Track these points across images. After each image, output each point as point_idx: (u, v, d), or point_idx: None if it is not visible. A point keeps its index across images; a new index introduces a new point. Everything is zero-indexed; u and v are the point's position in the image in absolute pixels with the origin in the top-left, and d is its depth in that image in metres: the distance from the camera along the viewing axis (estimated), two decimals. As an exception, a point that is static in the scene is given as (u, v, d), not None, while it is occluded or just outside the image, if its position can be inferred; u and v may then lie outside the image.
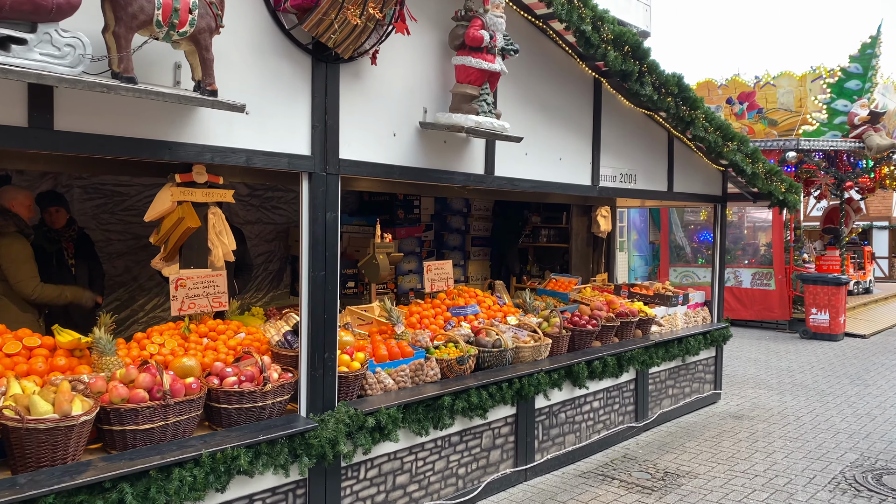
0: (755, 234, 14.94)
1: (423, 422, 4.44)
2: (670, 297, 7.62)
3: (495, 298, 6.36)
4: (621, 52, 5.18)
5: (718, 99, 15.79)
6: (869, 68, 13.32)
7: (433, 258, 9.27)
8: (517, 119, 5.14)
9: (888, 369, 9.86)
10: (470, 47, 4.32)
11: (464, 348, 4.90)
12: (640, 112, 6.55)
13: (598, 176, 6.16)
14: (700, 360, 7.61)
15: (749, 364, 10.19)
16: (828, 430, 6.77)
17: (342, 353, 4.17)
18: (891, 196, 26.17)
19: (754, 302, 13.99)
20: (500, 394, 4.95)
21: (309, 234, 3.83)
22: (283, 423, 3.76)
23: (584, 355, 5.83)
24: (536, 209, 10.36)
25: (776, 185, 7.50)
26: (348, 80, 3.98)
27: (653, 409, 6.80)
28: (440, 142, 4.61)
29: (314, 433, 3.78)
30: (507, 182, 5.21)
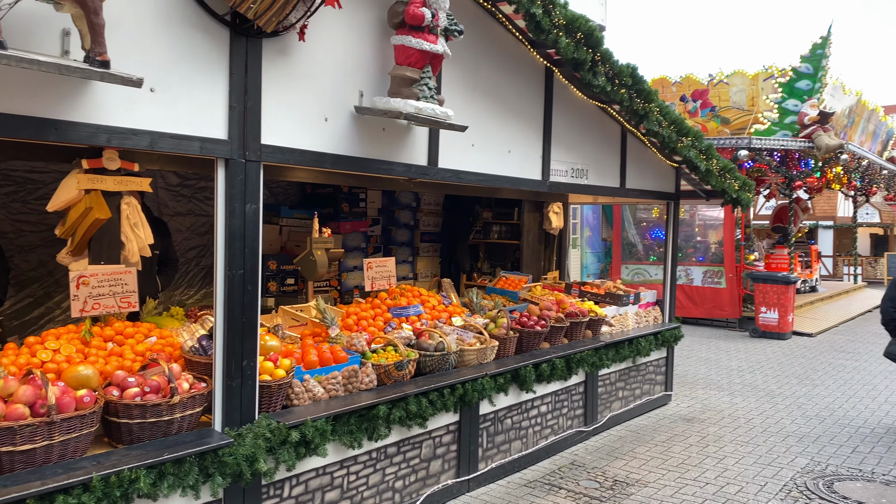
0: (706, 233, 14.96)
1: (356, 433, 4.08)
2: (621, 297, 7.41)
3: (441, 298, 6.03)
4: (573, 39, 4.89)
5: (672, 96, 15.75)
6: (819, 69, 13.39)
7: (380, 254, 8.91)
8: (463, 107, 4.82)
9: (835, 369, 9.88)
10: (410, 26, 3.97)
11: (403, 352, 4.56)
12: (592, 104, 6.30)
13: (549, 170, 5.88)
14: (651, 361, 7.43)
15: (700, 363, 10.10)
16: (778, 433, 6.65)
17: (265, 359, 3.79)
18: (836, 196, 26.76)
19: (705, 300, 14.00)
20: (442, 401, 4.63)
21: (225, 228, 3.43)
22: (194, 438, 3.37)
23: (532, 358, 5.55)
24: (488, 204, 10.09)
25: (730, 183, 7.34)
26: (273, 56, 3.59)
27: (602, 413, 6.58)
28: (378, 129, 4.26)
29: (229, 450, 3.40)
30: (453, 175, 4.88)
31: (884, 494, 5.14)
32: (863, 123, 16.23)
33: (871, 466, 5.74)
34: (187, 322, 4.44)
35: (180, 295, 7.13)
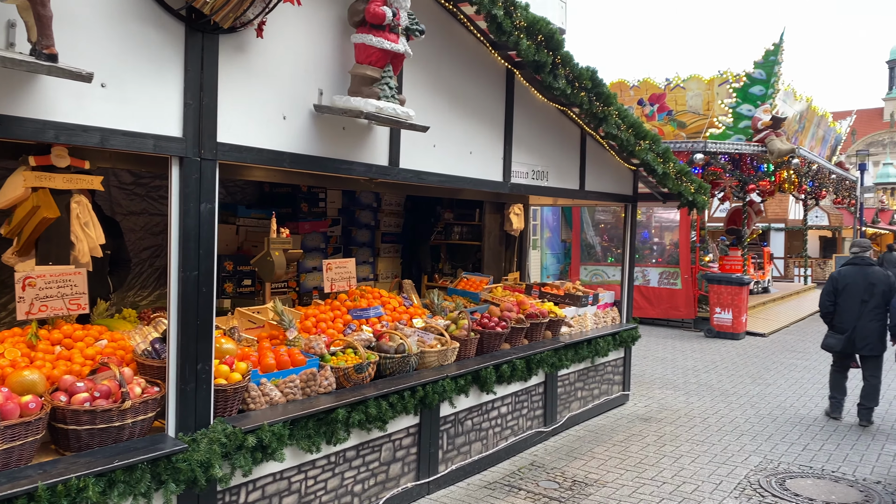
0: (662, 234, 15.21)
1: (315, 437, 4.02)
2: (580, 298, 7.47)
3: (401, 299, 5.99)
4: (534, 41, 4.90)
5: (630, 100, 15.98)
6: (772, 75, 13.74)
7: (340, 255, 8.82)
8: (424, 107, 4.79)
9: (787, 368, 10.13)
10: (371, 24, 3.92)
11: (363, 355, 4.51)
12: (553, 107, 6.33)
13: (510, 172, 5.90)
14: (609, 362, 7.50)
15: (656, 363, 10.25)
16: (732, 431, 6.78)
17: (221, 363, 3.70)
18: (787, 199, 27.46)
19: (661, 301, 14.22)
20: (402, 403, 4.59)
21: (180, 229, 3.34)
22: (146, 444, 3.27)
23: (493, 359, 5.55)
24: (449, 205, 10.07)
25: (686, 186, 7.46)
26: (230, 53, 3.51)
27: (562, 413, 6.62)
28: (338, 128, 4.20)
29: (183, 456, 3.31)
30: (414, 175, 4.85)
31: (833, 491, 5.28)
32: (813, 129, 16.71)
33: (820, 463, 5.89)
34: (140, 324, 4.32)
35: (133, 296, 6.95)
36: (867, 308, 7.08)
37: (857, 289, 7.16)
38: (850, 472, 5.68)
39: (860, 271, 7.26)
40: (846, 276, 7.30)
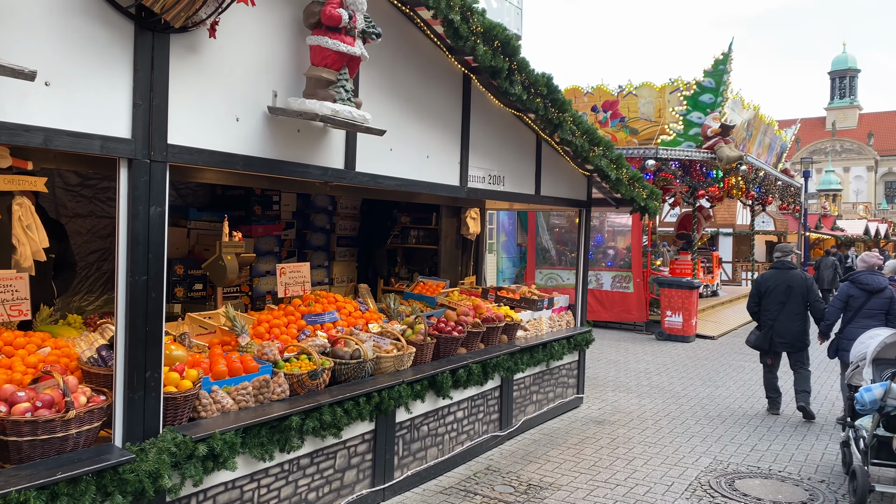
0: (615, 239, 15.45)
1: (268, 445, 3.95)
2: (536, 302, 7.53)
3: (357, 304, 5.94)
4: (491, 47, 4.93)
5: (584, 106, 16.22)
6: (721, 83, 14.09)
7: (294, 259, 8.71)
8: (381, 111, 4.76)
9: (735, 370, 10.38)
10: (327, 27, 3.88)
11: (318, 361, 4.45)
12: (509, 112, 6.37)
13: (467, 176, 5.91)
14: (564, 365, 7.57)
15: (610, 366, 10.40)
16: (683, 433, 6.91)
17: (171, 370, 3.61)
18: (735, 205, 28.21)
19: (614, 304, 14.44)
20: (358, 410, 4.55)
21: (128, 232, 3.24)
22: (92, 455, 3.16)
23: (449, 364, 5.55)
24: (406, 209, 10.03)
25: (638, 192, 7.59)
26: (181, 53, 3.43)
27: (517, 417, 6.65)
28: (293, 130, 4.14)
29: (130, 466, 3.21)
30: (370, 179, 4.81)
31: (780, 490, 5.42)
32: (760, 136, 17.20)
33: (768, 463, 6.05)
34: (86, 331, 4.18)
35: (79, 301, 6.73)
36: (786, 308, 7.61)
37: (777, 291, 7.69)
38: (796, 472, 5.84)
39: (781, 275, 7.76)
40: (768, 280, 7.83)
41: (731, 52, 14.19)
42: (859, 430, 5.27)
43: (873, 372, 5.49)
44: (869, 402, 5.12)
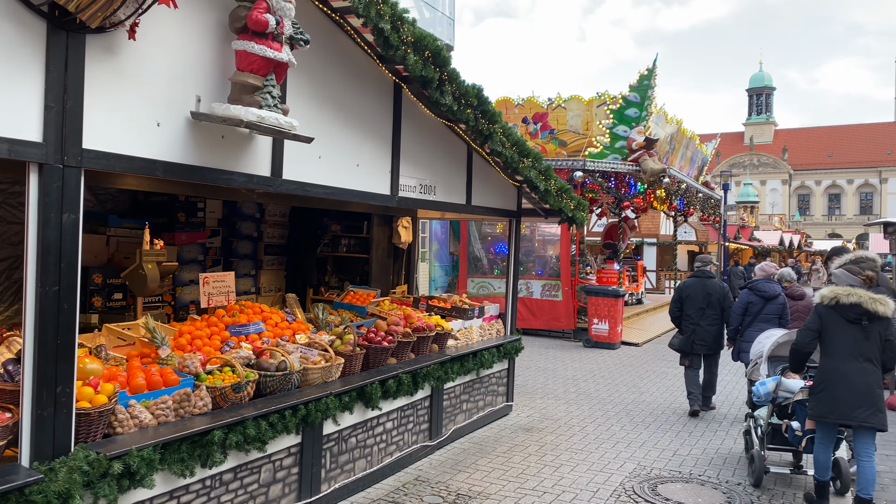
0: (545, 248, 15.72)
1: (188, 461, 3.81)
2: (467, 311, 7.57)
3: (284, 314, 5.83)
4: (421, 57, 4.93)
5: (515, 117, 16.44)
6: (645, 98, 14.54)
7: (219, 267, 8.48)
8: (310, 118, 4.70)
9: (658, 377, 10.69)
10: (253, 31, 3.80)
11: (242, 373, 4.34)
12: (440, 122, 6.39)
13: (398, 185, 5.89)
14: (494, 373, 7.63)
15: (539, 373, 10.54)
16: (609, 439, 7.06)
17: (84, 384, 3.45)
18: (659, 216, 29.13)
19: (543, 312, 14.67)
20: (283, 423, 4.45)
21: (38, 240, 3.09)
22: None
23: (379, 374, 5.50)
24: (337, 217, 9.93)
25: (566, 203, 7.74)
26: (98, 54, 3.30)
27: (447, 426, 6.65)
28: (217, 136, 4.04)
29: (38, 487, 3.04)
30: (298, 187, 4.74)
31: (699, 494, 5.60)
32: (682, 150, 17.83)
33: (688, 468, 6.24)
34: (-9, 344, 3.95)
35: (-15, 312, 6.36)
36: (704, 314, 8.28)
37: (696, 298, 8.36)
38: (715, 476, 6.04)
39: (700, 283, 8.43)
40: (689, 287, 8.52)
41: (656, 67, 14.67)
42: (757, 420, 5.95)
43: (768, 368, 6.11)
44: (763, 394, 5.81)
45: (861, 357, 5.00)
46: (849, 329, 5.05)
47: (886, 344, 5.04)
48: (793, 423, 5.56)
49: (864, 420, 4.90)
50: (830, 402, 5.00)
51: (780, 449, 5.82)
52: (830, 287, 5.30)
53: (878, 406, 4.92)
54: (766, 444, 5.77)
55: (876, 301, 5.00)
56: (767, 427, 5.75)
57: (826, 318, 5.15)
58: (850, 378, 4.96)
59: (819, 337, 5.20)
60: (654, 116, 14.86)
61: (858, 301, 5.02)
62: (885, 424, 5.00)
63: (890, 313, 5.03)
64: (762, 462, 5.71)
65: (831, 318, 5.13)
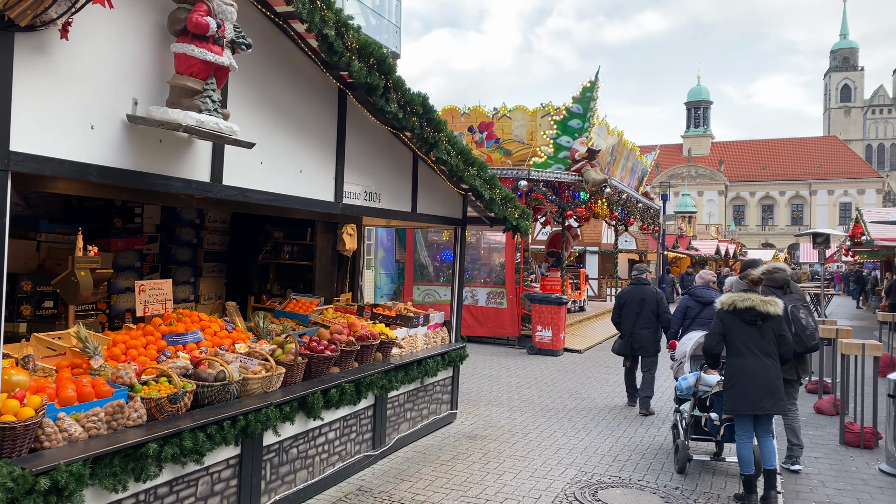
0: (490, 255, 15.83)
1: (121, 475, 3.68)
2: (412, 318, 7.55)
3: (223, 323, 5.70)
4: (366, 64, 4.92)
5: (461, 126, 16.55)
6: (588, 110, 14.83)
7: (157, 275, 8.25)
8: (252, 123, 4.63)
9: (600, 383, 10.87)
10: (193, 34, 3.73)
11: (178, 384, 4.22)
12: (386, 129, 6.38)
13: (342, 192, 5.85)
14: (438, 381, 7.63)
15: (483, 381, 10.59)
16: (551, 446, 7.13)
17: (9, 397, 3.30)
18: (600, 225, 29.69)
19: (489, 319, 14.76)
20: (222, 434, 4.34)
21: (-41, 247, 2.94)
22: None
23: (321, 383, 5.43)
24: (279, 224, 9.79)
25: (510, 212, 7.81)
26: (27, 54, 3.17)
27: (390, 435, 6.61)
28: (155, 141, 3.93)
29: (-43, 507, 2.89)
30: (239, 193, 4.65)
31: (638, 499, 5.70)
32: (623, 161, 18.24)
33: (628, 473, 6.36)
34: None
35: None
36: (640, 318, 8.92)
37: (633, 304, 9.02)
38: (654, 480, 6.17)
39: (637, 290, 9.12)
40: (626, 294, 9.19)
41: (598, 80, 14.97)
42: (682, 413, 6.50)
43: (691, 366, 6.80)
44: (685, 388, 6.51)
45: (761, 353, 5.60)
46: (747, 329, 5.66)
47: (780, 339, 5.67)
48: (711, 415, 6.19)
49: (769, 409, 5.56)
50: (740, 396, 5.60)
51: (702, 439, 6.39)
52: (728, 294, 5.95)
53: (779, 396, 5.60)
54: (690, 434, 6.31)
55: (766, 303, 5.66)
56: (690, 419, 6.29)
57: (727, 322, 5.73)
58: (754, 374, 5.57)
59: (724, 338, 5.75)
60: (597, 128, 15.16)
61: (752, 304, 5.65)
62: (786, 409, 6.02)
63: (780, 312, 5.69)
64: (686, 451, 6.29)
65: (731, 321, 5.71)
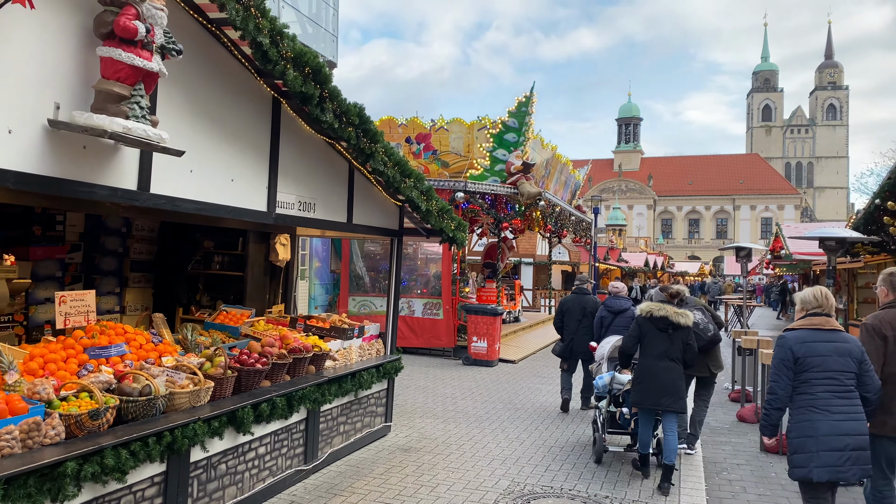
0: (427, 266, 15.84)
1: (36, 496, 3.51)
2: (346, 330, 7.48)
3: (150, 335, 5.51)
4: (301, 73, 4.87)
5: (399, 137, 16.55)
6: (523, 124, 15.06)
7: (79, 285, 7.92)
8: (182, 130, 4.51)
9: (534, 393, 11.00)
10: (121, 38, 3.61)
11: (100, 399, 4.05)
12: (321, 139, 6.32)
13: (276, 202, 5.75)
14: (372, 394, 7.56)
15: (418, 392, 10.56)
16: (485, 457, 7.17)
17: (-88, 416, 3.10)
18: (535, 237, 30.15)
19: (425, 330, 14.75)
20: (147, 451, 4.19)
21: None
22: None
23: (252, 397, 5.31)
24: (210, 233, 9.56)
25: (447, 223, 7.85)
26: (-61, 53, 3.01)
27: (323, 449, 6.51)
28: (78, 147, 3.79)
29: None
30: (167, 202, 4.52)
31: (569, 506, 5.79)
32: (557, 175, 18.60)
33: (560, 483, 6.44)
34: None
35: None
36: (580, 325, 9.57)
37: (574, 311, 9.70)
38: (584, 490, 6.27)
39: (578, 298, 9.82)
40: (568, 302, 9.89)
41: (533, 95, 15.23)
42: (600, 409, 7.24)
43: (608, 367, 7.50)
44: (601, 386, 7.23)
45: (667, 357, 6.35)
46: (659, 336, 6.40)
47: (686, 347, 6.44)
48: (623, 409, 6.94)
49: (668, 406, 6.28)
50: (644, 392, 6.37)
51: (617, 432, 7.11)
52: (646, 303, 6.69)
53: (679, 395, 6.32)
54: (607, 428, 7.09)
55: (679, 314, 6.42)
56: (606, 414, 7.08)
57: (643, 327, 6.48)
58: (659, 374, 6.31)
59: (639, 341, 6.49)
60: (532, 142, 15.41)
61: (666, 314, 6.40)
62: (685, 409, 6.64)
63: (690, 324, 6.46)
64: (602, 443, 7.07)
65: (647, 327, 6.46)
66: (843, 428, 4.30)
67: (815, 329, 4.48)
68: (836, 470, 4.27)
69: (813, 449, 4.31)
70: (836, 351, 4.40)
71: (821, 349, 4.40)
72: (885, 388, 4.57)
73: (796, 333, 4.51)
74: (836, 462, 4.27)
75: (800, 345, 4.43)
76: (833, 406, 4.34)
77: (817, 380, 4.37)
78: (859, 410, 4.38)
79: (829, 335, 4.45)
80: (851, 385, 4.39)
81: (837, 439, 4.28)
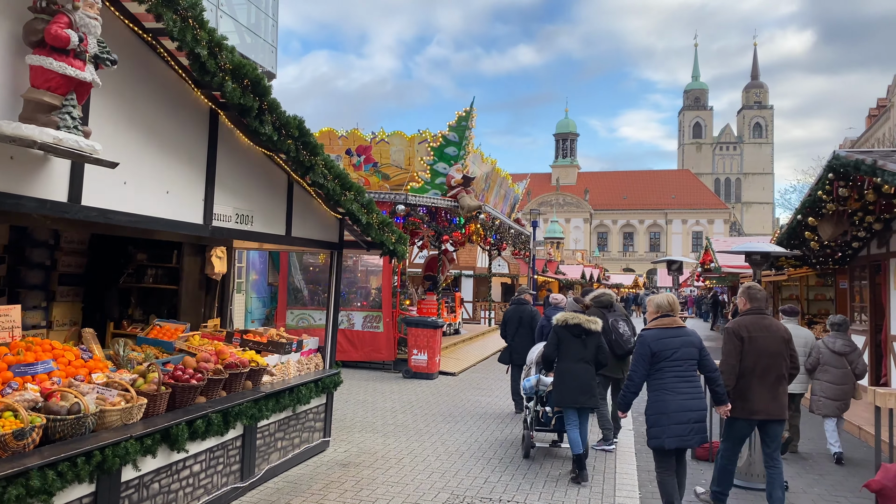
0: (368, 279, 15.77)
1: (-46, 522, 3.35)
2: (284, 345, 7.38)
3: (79, 351, 5.33)
4: (240, 85, 4.83)
5: (339, 149, 16.48)
6: (463, 138, 15.22)
7: (3, 299, 7.59)
8: (115, 142, 4.41)
9: (473, 405, 11.07)
10: (52, 47, 3.52)
11: (25, 418, 3.90)
12: (260, 151, 6.26)
13: (213, 214, 5.67)
14: (311, 409, 7.48)
15: (358, 406, 10.49)
16: (424, 470, 7.18)
17: None
18: (475, 249, 30.41)
19: (364, 344, 14.67)
20: (75, 471, 4.05)
21: None
22: None
23: (186, 414, 5.19)
24: (143, 245, 9.31)
25: (388, 236, 7.87)
26: None
27: (260, 466, 6.40)
28: (5, 157, 3.67)
29: None
30: (99, 214, 4.40)
31: (508, 517, 5.86)
32: (497, 188, 18.83)
33: (498, 494, 6.50)
34: None
35: None
36: (519, 333, 10.34)
37: (514, 320, 10.49)
38: (523, 500, 6.35)
39: (518, 308, 10.63)
40: (510, 312, 10.68)
41: (474, 109, 15.42)
42: (529, 409, 7.81)
43: (535, 370, 8.01)
44: (528, 388, 7.81)
45: (582, 360, 7.06)
46: (575, 341, 7.11)
47: (598, 349, 7.15)
48: (546, 408, 7.72)
49: (584, 403, 6.99)
50: (564, 392, 7.03)
51: (543, 429, 7.88)
52: (562, 312, 7.39)
53: (592, 393, 7.05)
54: (534, 426, 7.77)
55: (590, 322, 7.14)
56: (534, 413, 7.74)
57: (561, 335, 7.16)
58: (576, 376, 7.00)
59: (558, 347, 7.15)
60: (472, 155, 15.58)
61: (579, 322, 7.12)
62: (598, 404, 7.54)
63: (599, 329, 7.16)
64: (530, 440, 7.73)
65: (564, 334, 7.14)
66: (688, 405, 5.39)
67: (666, 328, 5.60)
68: (683, 439, 5.35)
69: (665, 423, 5.37)
70: (683, 343, 5.51)
71: (672, 343, 5.50)
72: (742, 379, 5.73)
73: (652, 332, 5.60)
74: (684, 433, 5.34)
75: (656, 341, 5.52)
76: (679, 388, 5.42)
77: (668, 368, 5.46)
78: (700, 391, 5.52)
79: (677, 331, 5.58)
80: (693, 371, 5.51)
81: (684, 415, 5.35)
